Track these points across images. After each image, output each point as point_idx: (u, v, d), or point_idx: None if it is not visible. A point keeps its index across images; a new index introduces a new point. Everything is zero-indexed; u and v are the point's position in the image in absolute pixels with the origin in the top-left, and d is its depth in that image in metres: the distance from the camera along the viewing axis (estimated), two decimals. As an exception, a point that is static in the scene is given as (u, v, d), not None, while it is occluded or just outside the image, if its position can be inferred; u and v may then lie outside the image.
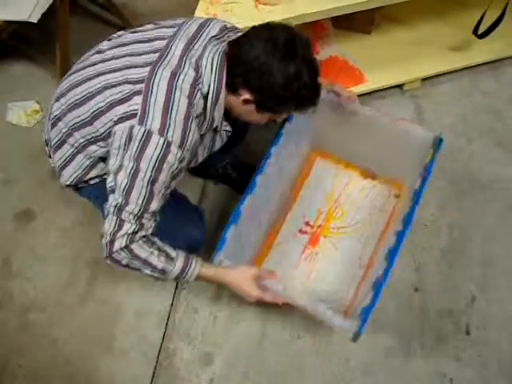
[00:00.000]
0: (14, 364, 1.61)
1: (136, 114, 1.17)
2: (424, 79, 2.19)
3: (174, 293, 1.71)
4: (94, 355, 1.62)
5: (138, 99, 1.18)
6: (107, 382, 1.59)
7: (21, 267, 1.78)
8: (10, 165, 2.01)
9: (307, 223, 1.77)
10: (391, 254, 1.33)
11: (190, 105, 1.20)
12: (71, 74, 1.36)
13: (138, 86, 1.19)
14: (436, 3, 2.35)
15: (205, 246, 1.53)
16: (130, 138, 1.17)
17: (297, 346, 1.61)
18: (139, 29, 1.36)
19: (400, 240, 1.35)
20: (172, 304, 1.70)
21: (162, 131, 1.16)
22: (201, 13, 1.65)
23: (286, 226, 1.77)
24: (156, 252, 1.24)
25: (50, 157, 1.46)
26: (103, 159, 1.33)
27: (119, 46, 1.31)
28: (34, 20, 1.89)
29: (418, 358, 1.59)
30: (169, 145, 1.17)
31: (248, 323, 1.65)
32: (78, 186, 1.44)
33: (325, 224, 1.76)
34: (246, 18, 1.64)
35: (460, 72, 2.22)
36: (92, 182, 1.41)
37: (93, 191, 1.32)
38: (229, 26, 1.37)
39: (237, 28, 1.39)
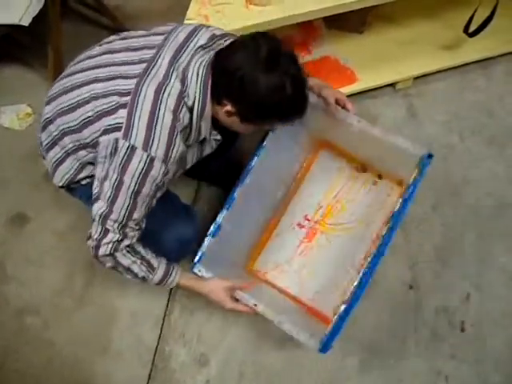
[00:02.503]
0: (10, 367, 1.61)
1: (121, 127, 1.18)
2: (416, 78, 2.19)
3: (170, 295, 1.71)
4: (90, 358, 1.62)
5: (124, 113, 1.18)
6: (103, 384, 1.59)
7: (16, 271, 1.78)
8: (2, 168, 2.00)
9: (306, 217, 1.76)
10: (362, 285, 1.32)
11: (175, 119, 1.20)
12: (63, 77, 1.37)
13: (123, 99, 1.20)
14: (427, 2, 2.35)
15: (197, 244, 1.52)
16: (115, 150, 1.18)
17: (292, 346, 1.61)
18: (130, 35, 1.36)
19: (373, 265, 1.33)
20: (167, 306, 1.70)
21: (146, 146, 1.17)
22: (192, 14, 1.65)
23: (285, 217, 1.77)
24: (138, 261, 1.31)
25: (43, 158, 1.46)
26: (93, 164, 1.34)
27: (109, 52, 1.31)
28: (25, 23, 1.88)
29: (414, 356, 1.60)
30: (152, 160, 1.18)
31: (243, 324, 1.65)
32: (70, 187, 1.45)
33: (323, 219, 1.75)
34: (237, 18, 1.64)
35: (452, 70, 2.22)
36: (83, 182, 1.41)
37: (84, 191, 1.33)
38: (218, 33, 1.35)
39: (227, 35, 1.37)
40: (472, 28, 2.06)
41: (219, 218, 1.46)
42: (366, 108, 2.15)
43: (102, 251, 1.26)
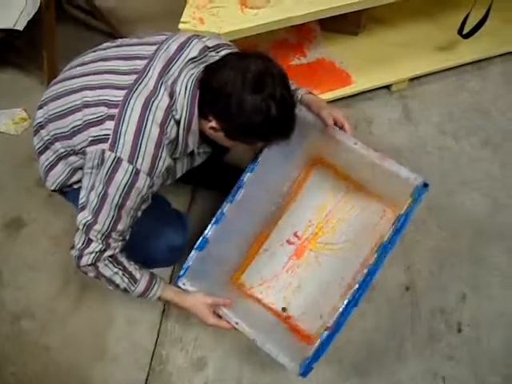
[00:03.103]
0: (6, 372, 1.60)
1: (108, 138, 1.18)
2: (411, 79, 2.20)
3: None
4: (87, 362, 1.62)
5: (111, 124, 1.18)
6: (100, 389, 1.59)
7: (11, 276, 1.77)
8: (-2, 173, 2.00)
9: (295, 234, 1.73)
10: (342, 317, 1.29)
11: (163, 132, 1.20)
12: (55, 83, 1.37)
13: (111, 111, 1.19)
14: (422, 4, 2.37)
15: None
16: (101, 161, 1.19)
17: (289, 348, 1.61)
18: (123, 43, 1.36)
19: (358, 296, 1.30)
20: (164, 310, 1.70)
21: (132, 159, 1.17)
22: (187, 17, 1.65)
23: (275, 233, 1.73)
24: (120, 272, 1.30)
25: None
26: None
27: (101, 60, 1.31)
28: (20, 28, 1.89)
29: (411, 358, 1.60)
30: (137, 172, 1.18)
31: (240, 327, 1.65)
32: (63, 191, 1.45)
33: (313, 237, 1.71)
34: (232, 21, 1.64)
35: (447, 72, 2.24)
36: (76, 186, 1.41)
37: (77, 195, 1.32)
38: (211, 44, 1.34)
39: (220, 45, 1.37)
40: (466, 29, 2.07)
41: (207, 232, 1.44)
42: (362, 110, 2.15)
43: (83, 261, 1.27)
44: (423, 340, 1.63)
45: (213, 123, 1.21)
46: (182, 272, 1.41)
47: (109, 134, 1.18)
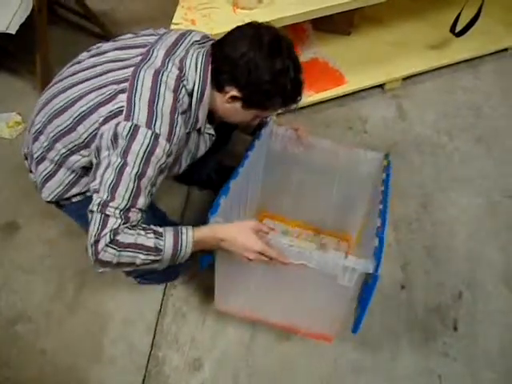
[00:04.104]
0: (2, 376, 1.59)
1: (122, 110, 1.16)
2: (405, 78, 2.21)
3: (162, 299, 1.71)
4: (83, 365, 1.61)
5: (123, 97, 1.17)
6: (97, 391, 1.58)
7: (6, 279, 1.76)
8: (-8, 177, 2.00)
9: None
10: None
11: (176, 99, 1.21)
12: (51, 86, 1.36)
13: (122, 85, 1.19)
14: (414, 3, 2.37)
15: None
16: (115, 135, 1.15)
17: (286, 347, 1.61)
18: (118, 38, 1.37)
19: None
20: (160, 310, 1.69)
21: (150, 124, 1.15)
22: (179, 19, 1.66)
23: None
24: (142, 232, 1.17)
25: (30, 171, 1.45)
26: (86, 171, 1.32)
27: (99, 54, 1.31)
28: (12, 31, 1.89)
29: (407, 356, 1.60)
30: (157, 137, 1.15)
31: (236, 326, 1.65)
32: (60, 203, 1.43)
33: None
34: (224, 22, 1.65)
35: (440, 70, 2.25)
36: (74, 199, 1.39)
37: (75, 209, 1.30)
38: (210, 35, 1.40)
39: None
40: (459, 28, 2.08)
41: (229, 183, 1.39)
42: (356, 109, 2.16)
43: (102, 243, 1.13)
44: (419, 338, 1.63)
45: (233, 92, 1.24)
46: (213, 210, 1.28)
47: (122, 106, 1.16)
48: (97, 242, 1.13)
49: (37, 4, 1.94)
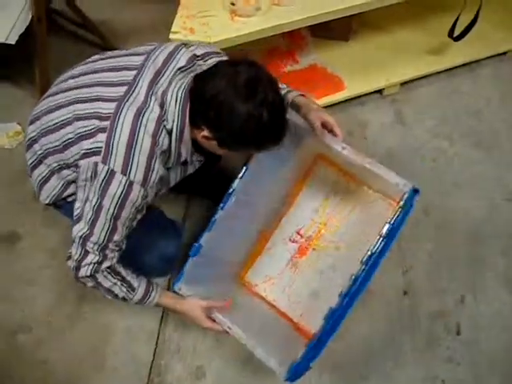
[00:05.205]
0: (4, 387, 1.59)
1: (100, 151, 1.18)
2: (403, 83, 2.21)
3: (164, 309, 1.70)
4: (85, 375, 1.61)
5: (102, 137, 1.18)
6: (99, 401, 1.58)
7: (7, 290, 1.76)
8: (-8, 187, 1.99)
9: (298, 232, 1.74)
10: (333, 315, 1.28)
11: (155, 143, 1.20)
12: (46, 97, 1.38)
13: (103, 123, 1.19)
14: (411, 8, 2.37)
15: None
16: (94, 174, 1.19)
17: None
18: (112, 54, 1.36)
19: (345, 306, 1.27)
20: (162, 320, 1.69)
21: (125, 170, 1.17)
22: (177, 27, 1.66)
23: (278, 231, 1.75)
24: (119, 283, 1.32)
25: (30, 176, 1.46)
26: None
27: (91, 72, 1.32)
28: (12, 41, 1.89)
29: (410, 362, 1.59)
30: (131, 184, 1.18)
31: (239, 335, 1.64)
32: (57, 204, 1.45)
33: (315, 235, 1.72)
34: (223, 30, 1.65)
35: (438, 75, 2.24)
36: (70, 199, 1.41)
37: (70, 208, 1.31)
38: (199, 53, 1.36)
39: (209, 54, 1.38)
40: (457, 32, 2.08)
41: (199, 238, 1.43)
42: (354, 115, 2.16)
43: (82, 272, 1.27)
44: (422, 343, 1.62)
45: (205, 132, 1.20)
46: (178, 277, 1.42)
47: (101, 147, 1.18)
48: (77, 268, 1.28)
49: (36, 14, 1.94)
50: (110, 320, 1.69)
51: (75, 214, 1.26)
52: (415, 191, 1.32)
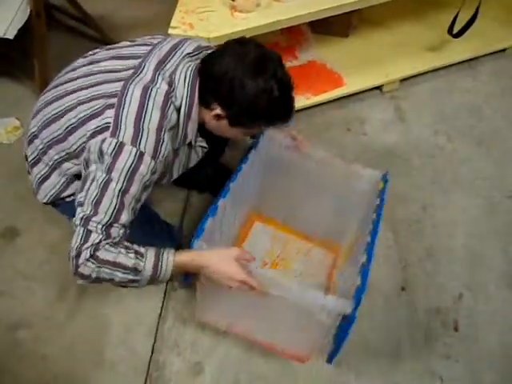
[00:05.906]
0: (2, 382, 1.59)
1: (109, 126, 1.16)
2: (403, 80, 2.21)
3: (163, 304, 1.70)
4: (84, 370, 1.61)
5: (111, 112, 1.18)
6: (98, 396, 1.58)
7: (7, 285, 1.76)
8: (-9, 182, 1.99)
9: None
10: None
11: (163, 117, 1.20)
12: (47, 91, 1.37)
13: (110, 100, 1.19)
14: (411, 5, 2.38)
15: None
16: (101, 151, 1.15)
17: (287, 351, 1.61)
18: (114, 46, 1.37)
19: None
20: (160, 315, 1.69)
21: (135, 141, 1.15)
22: (176, 23, 1.66)
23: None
24: (123, 250, 1.17)
25: (29, 173, 1.46)
26: (78, 177, 1.32)
27: (93, 62, 1.32)
28: (10, 36, 1.88)
29: (408, 358, 1.59)
30: (141, 155, 1.16)
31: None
32: (55, 203, 1.44)
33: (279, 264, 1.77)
34: (222, 25, 1.65)
35: (438, 71, 2.25)
36: (68, 199, 1.40)
37: (69, 208, 1.31)
38: (204, 45, 1.38)
39: (212, 47, 1.40)
40: (456, 29, 2.08)
41: (218, 202, 1.39)
42: (354, 111, 2.16)
43: (82, 258, 1.14)
44: (420, 340, 1.63)
45: (217, 110, 1.23)
46: (197, 234, 1.28)
47: (109, 122, 1.17)
48: (77, 255, 1.15)
49: (35, 8, 1.94)
50: (108, 315, 1.69)
51: (77, 202, 1.18)
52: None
